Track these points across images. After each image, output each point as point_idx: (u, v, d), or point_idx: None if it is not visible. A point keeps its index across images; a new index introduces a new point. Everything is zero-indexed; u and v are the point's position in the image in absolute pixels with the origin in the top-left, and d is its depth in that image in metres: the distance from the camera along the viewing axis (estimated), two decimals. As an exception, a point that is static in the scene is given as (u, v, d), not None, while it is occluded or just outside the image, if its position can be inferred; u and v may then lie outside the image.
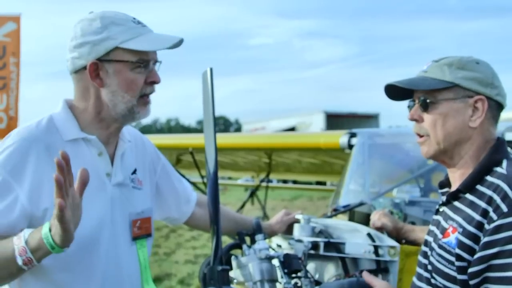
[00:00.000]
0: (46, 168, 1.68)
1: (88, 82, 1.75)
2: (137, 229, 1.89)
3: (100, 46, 1.71)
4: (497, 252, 1.48)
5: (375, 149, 3.84)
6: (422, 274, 1.71)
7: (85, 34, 1.72)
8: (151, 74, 1.79)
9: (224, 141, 5.54)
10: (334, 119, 23.72)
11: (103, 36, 1.71)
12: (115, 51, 1.72)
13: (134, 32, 1.74)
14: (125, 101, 1.75)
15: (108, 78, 1.74)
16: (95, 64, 1.72)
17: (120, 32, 1.72)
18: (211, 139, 1.92)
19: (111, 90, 1.74)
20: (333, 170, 5.83)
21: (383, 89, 1.76)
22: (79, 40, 1.73)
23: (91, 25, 1.73)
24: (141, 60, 1.75)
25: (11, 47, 13.40)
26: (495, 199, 1.53)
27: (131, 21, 1.77)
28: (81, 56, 1.73)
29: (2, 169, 1.66)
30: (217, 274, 1.86)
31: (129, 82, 1.75)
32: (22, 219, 1.66)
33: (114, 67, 1.73)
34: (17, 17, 13.64)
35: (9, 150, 1.69)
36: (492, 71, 1.69)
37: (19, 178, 1.66)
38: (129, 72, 1.74)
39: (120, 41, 1.71)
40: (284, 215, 2.54)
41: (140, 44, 1.73)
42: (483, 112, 1.64)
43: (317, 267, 2.49)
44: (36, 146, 1.70)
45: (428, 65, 1.72)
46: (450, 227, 1.62)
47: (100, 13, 1.76)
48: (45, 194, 1.67)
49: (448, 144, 1.67)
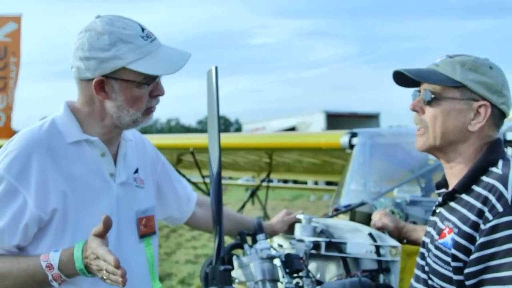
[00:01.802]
0: (50, 171, 1.70)
1: (93, 92, 1.74)
2: (143, 227, 1.90)
3: (107, 64, 1.69)
4: (493, 253, 1.48)
5: (376, 149, 3.84)
6: (420, 275, 1.71)
7: (92, 49, 1.69)
8: (156, 88, 1.79)
9: (225, 141, 5.53)
10: (335, 119, 23.69)
11: (111, 55, 1.68)
12: (121, 70, 1.70)
13: (142, 52, 1.70)
14: (130, 114, 1.76)
15: (114, 93, 1.74)
16: (100, 80, 1.71)
17: (128, 51, 1.69)
18: (215, 138, 1.92)
19: (116, 104, 1.75)
20: (334, 170, 5.82)
21: (392, 74, 1.73)
22: (86, 53, 1.70)
23: (99, 39, 1.69)
24: (147, 79, 1.74)
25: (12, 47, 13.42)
26: (491, 199, 1.53)
27: (140, 36, 1.72)
28: (87, 69, 1.71)
29: (7, 174, 1.67)
30: (219, 274, 1.87)
31: (135, 98, 1.75)
32: (32, 222, 1.68)
33: (120, 85, 1.73)
34: (18, 17, 13.65)
35: (13, 155, 1.69)
36: (503, 79, 1.67)
37: (25, 183, 1.67)
38: (135, 89, 1.74)
39: (128, 62, 1.69)
40: (285, 214, 2.54)
41: (147, 66, 1.70)
42: (485, 118, 1.63)
43: (319, 267, 2.49)
44: (40, 149, 1.71)
45: (441, 59, 1.70)
46: (446, 228, 1.62)
47: (108, 26, 1.70)
48: (51, 196, 1.69)
49: (444, 142, 1.66)
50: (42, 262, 1.63)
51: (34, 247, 1.73)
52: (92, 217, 1.72)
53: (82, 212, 1.74)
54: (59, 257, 1.63)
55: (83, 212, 1.75)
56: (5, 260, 1.69)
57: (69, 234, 1.72)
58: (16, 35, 13.68)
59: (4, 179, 1.67)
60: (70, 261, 1.62)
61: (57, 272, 1.63)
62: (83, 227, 1.71)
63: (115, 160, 1.86)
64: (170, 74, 1.76)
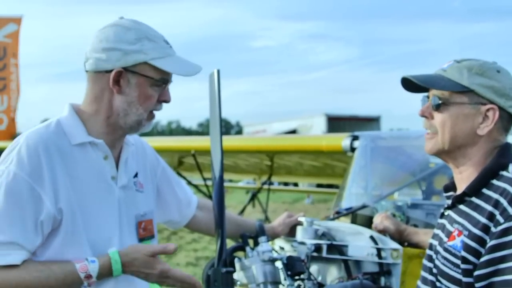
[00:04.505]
0: (58, 170, 1.71)
1: (105, 85, 1.77)
2: (143, 231, 1.91)
3: (130, 56, 1.74)
4: (504, 255, 1.48)
5: (378, 152, 3.84)
6: (427, 277, 1.72)
7: (118, 40, 1.75)
8: (164, 93, 1.84)
9: (226, 143, 5.51)
10: (335, 121, 23.68)
11: (136, 48, 1.75)
12: (142, 65, 1.76)
13: (163, 52, 1.79)
14: (138, 113, 1.79)
15: (128, 87, 1.77)
16: (119, 72, 1.75)
17: (152, 48, 1.76)
18: (217, 141, 1.93)
19: (127, 100, 1.78)
20: (335, 173, 5.83)
21: (400, 80, 1.75)
22: (110, 44, 1.75)
23: (126, 33, 1.75)
24: (162, 79, 1.80)
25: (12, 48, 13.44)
26: (502, 203, 1.54)
27: (162, 39, 1.81)
28: (108, 59, 1.75)
29: (21, 171, 1.67)
30: (221, 276, 1.87)
31: (146, 96, 1.79)
32: (47, 220, 1.69)
33: (137, 80, 1.77)
34: (19, 19, 13.69)
35: (24, 154, 1.69)
36: (511, 82, 1.68)
37: (39, 180, 1.68)
38: (149, 87, 1.79)
39: (151, 58, 1.76)
40: (287, 217, 2.54)
41: (168, 65, 1.78)
42: (493, 121, 1.64)
43: (320, 270, 2.50)
44: (49, 148, 1.72)
45: (449, 64, 1.72)
46: (456, 230, 1.62)
47: (135, 24, 1.79)
48: (60, 196, 1.71)
49: (453, 146, 1.68)
50: (80, 273, 1.67)
51: (44, 249, 1.72)
52: (96, 220, 1.75)
53: (86, 214, 1.75)
54: (98, 268, 1.69)
55: (88, 214, 1.75)
56: (39, 269, 1.68)
57: (77, 236, 1.73)
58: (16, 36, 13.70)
59: (18, 177, 1.67)
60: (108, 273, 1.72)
61: (95, 280, 1.70)
62: (89, 230, 1.73)
63: (117, 164, 1.87)
64: (186, 76, 1.84)
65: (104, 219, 1.79)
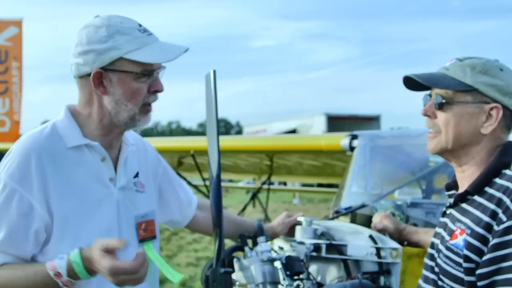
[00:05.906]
0: (49, 175, 1.71)
1: (91, 88, 1.76)
2: (143, 232, 1.90)
3: (104, 55, 1.71)
4: (506, 254, 1.48)
5: (377, 151, 3.84)
6: (429, 276, 1.72)
7: (90, 42, 1.72)
8: (154, 83, 1.79)
9: (226, 143, 5.54)
10: (335, 121, 23.69)
11: (108, 46, 1.70)
12: (119, 61, 1.72)
13: (139, 42, 1.73)
14: (127, 109, 1.76)
15: (112, 87, 1.74)
16: (99, 73, 1.72)
17: (125, 42, 1.71)
18: (214, 142, 1.92)
19: (114, 99, 1.75)
20: (335, 172, 5.83)
21: (402, 79, 1.74)
22: (84, 47, 1.72)
23: (97, 32, 1.72)
24: (145, 70, 1.75)
25: (13, 52, 13.43)
26: (505, 201, 1.53)
27: (137, 29, 1.75)
28: (85, 63, 1.73)
29: (10, 179, 1.69)
30: (220, 277, 1.87)
31: (133, 91, 1.75)
32: (41, 226, 1.70)
33: (118, 77, 1.73)
34: (19, 22, 13.67)
35: (14, 160, 1.71)
36: None
37: (28, 187, 1.68)
38: (133, 82, 1.75)
39: (125, 52, 1.71)
40: (286, 217, 2.54)
41: (144, 55, 1.72)
42: (497, 120, 1.64)
43: (319, 269, 2.49)
44: (40, 153, 1.72)
45: (451, 62, 1.71)
46: (458, 229, 1.62)
47: (106, 20, 1.74)
48: (51, 201, 1.70)
49: (457, 145, 1.67)
50: (49, 271, 1.63)
51: (42, 255, 1.73)
52: (93, 222, 1.74)
53: (83, 217, 1.75)
54: (65, 264, 1.63)
55: (84, 217, 1.75)
56: (13, 269, 1.69)
57: (70, 240, 1.71)
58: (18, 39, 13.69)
59: (7, 185, 1.68)
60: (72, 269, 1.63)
61: (67, 278, 1.63)
62: (85, 233, 1.72)
63: (116, 165, 1.86)
64: (167, 62, 1.77)
65: (102, 221, 1.78)
